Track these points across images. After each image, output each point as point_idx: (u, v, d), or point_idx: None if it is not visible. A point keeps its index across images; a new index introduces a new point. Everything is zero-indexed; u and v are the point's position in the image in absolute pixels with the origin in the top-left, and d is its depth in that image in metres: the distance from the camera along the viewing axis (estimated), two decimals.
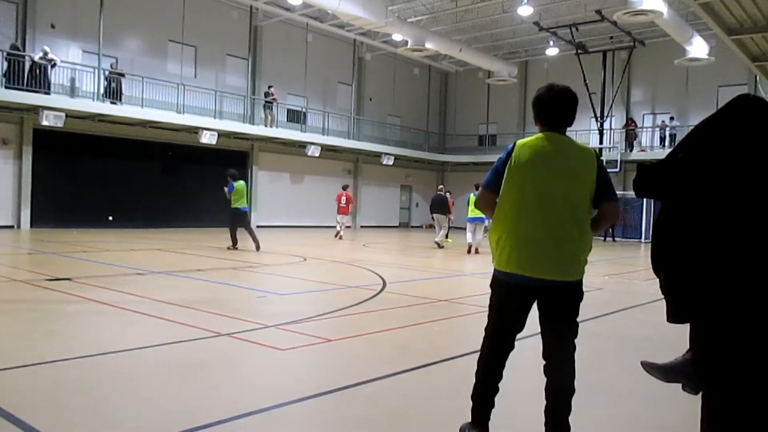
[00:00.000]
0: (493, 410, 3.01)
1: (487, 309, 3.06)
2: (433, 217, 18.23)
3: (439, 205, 17.64)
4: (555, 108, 2.91)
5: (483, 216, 15.42)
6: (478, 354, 3.10)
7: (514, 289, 2.89)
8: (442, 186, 18.79)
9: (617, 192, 3.05)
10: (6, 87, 17.51)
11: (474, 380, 3.04)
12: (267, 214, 25.72)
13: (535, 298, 2.89)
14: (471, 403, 3.03)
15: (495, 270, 2.99)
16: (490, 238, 3.06)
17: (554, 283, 2.81)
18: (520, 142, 2.97)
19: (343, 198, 20.17)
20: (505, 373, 3.04)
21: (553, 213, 2.80)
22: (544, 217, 2.81)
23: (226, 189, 14.20)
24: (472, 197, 15.67)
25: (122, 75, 20.05)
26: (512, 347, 3.02)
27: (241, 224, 14.12)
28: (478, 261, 14.00)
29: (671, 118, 26.39)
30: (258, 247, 13.67)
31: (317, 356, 4.85)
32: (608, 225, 3.03)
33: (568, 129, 3.00)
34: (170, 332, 5.40)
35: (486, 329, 3.05)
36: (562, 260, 2.81)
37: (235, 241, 13.93)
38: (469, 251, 15.58)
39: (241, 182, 14.33)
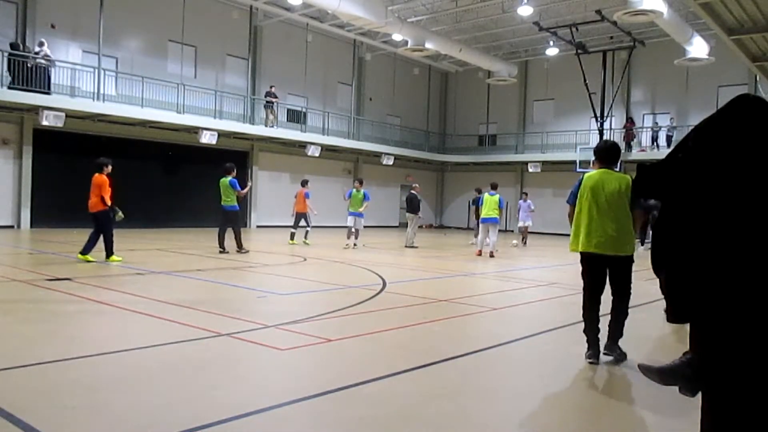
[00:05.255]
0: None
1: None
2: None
3: (410, 204, 17.46)
4: (602, 155, 5.08)
5: (496, 217, 14.79)
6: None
7: (588, 260, 4.98)
8: (416, 185, 18.38)
9: None
10: (10, 87, 17.46)
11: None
12: (267, 214, 25.71)
13: (606, 266, 4.95)
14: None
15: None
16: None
17: (609, 256, 4.88)
18: (586, 175, 5.01)
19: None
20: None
21: (604, 216, 4.80)
22: (600, 219, 4.82)
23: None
24: (488, 197, 14.87)
25: (50, 63, 18.40)
26: (598, 300, 5.04)
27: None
28: (479, 262, 13.95)
29: (661, 127, 26.18)
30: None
31: (317, 356, 4.86)
32: (636, 223, 4.82)
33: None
34: (170, 332, 5.40)
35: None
36: (611, 242, 4.80)
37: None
38: (479, 254, 14.79)
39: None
